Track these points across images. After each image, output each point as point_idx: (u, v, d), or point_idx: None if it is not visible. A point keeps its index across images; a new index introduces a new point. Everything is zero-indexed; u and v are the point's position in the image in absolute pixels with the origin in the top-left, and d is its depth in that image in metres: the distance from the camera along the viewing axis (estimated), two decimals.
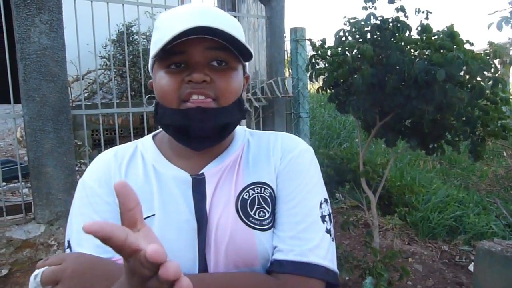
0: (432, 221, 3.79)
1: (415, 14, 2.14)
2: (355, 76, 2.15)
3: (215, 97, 0.76)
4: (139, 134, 5.19)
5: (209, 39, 0.73)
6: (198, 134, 0.78)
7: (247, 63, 0.87)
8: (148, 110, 3.23)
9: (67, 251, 0.79)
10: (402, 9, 2.15)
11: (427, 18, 2.12)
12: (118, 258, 0.73)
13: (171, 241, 0.77)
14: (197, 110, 0.75)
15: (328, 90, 2.54)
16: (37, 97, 2.65)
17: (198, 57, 0.75)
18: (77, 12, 2.87)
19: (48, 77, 2.68)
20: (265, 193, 0.83)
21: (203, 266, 0.78)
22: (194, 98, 0.75)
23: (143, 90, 3.35)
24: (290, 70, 4.60)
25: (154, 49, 0.76)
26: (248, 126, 4.61)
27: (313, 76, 2.55)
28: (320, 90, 2.58)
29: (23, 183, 3.01)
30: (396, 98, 2.11)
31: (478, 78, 1.97)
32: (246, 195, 0.82)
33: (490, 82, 2.00)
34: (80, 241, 0.77)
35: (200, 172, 0.84)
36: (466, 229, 3.73)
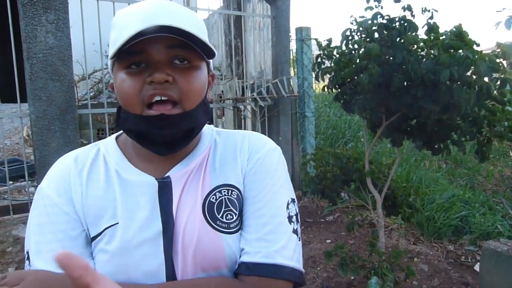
0: (437, 221, 3.77)
1: (422, 13, 2.12)
2: (361, 75, 2.15)
3: (178, 99, 0.73)
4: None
5: (169, 37, 0.70)
6: (162, 140, 0.76)
7: (211, 61, 0.84)
8: None
9: (26, 262, 0.77)
10: (409, 8, 2.14)
11: (431, 17, 2.11)
12: None
13: (136, 248, 0.75)
14: (160, 117, 0.73)
15: (334, 89, 2.54)
16: (43, 96, 2.66)
17: (159, 56, 0.72)
18: (83, 11, 2.88)
19: (54, 76, 2.70)
20: (232, 195, 0.82)
21: (170, 271, 0.76)
22: (157, 99, 0.72)
23: None
24: (295, 70, 4.60)
25: (112, 49, 0.73)
26: (254, 126, 4.61)
27: (319, 75, 2.54)
28: (326, 89, 2.58)
29: (29, 182, 3.02)
30: (402, 98, 2.10)
31: (486, 79, 1.96)
32: (213, 198, 0.81)
33: (498, 83, 1.99)
34: (39, 254, 0.75)
35: (165, 175, 0.81)
36: (472, 229, 3.71)
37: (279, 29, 4.17)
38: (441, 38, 2.06)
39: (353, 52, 2.32)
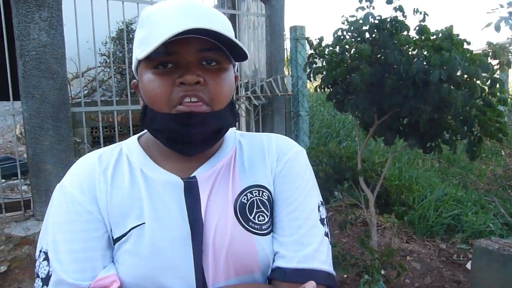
0: (430, 220, 3.80)
1: (413, 14, 2.14)
2: (353, 75, 2.16)
3: (208, 100, 0.73)
4: (138, 131, 5.18)
5: (202, 39, 0.70)
6: (190, 140, 0.75)
7: (236, 63, 0.84)
8: None
9: (44, 263, 0.73)
10: (400, 8, 2.15)
11: (423, 20, 2.13)
12: (103, 280, 0.71)
13: (165, 250, 0.73)
14: (190, 114, 0.71)
15: (327, 88, 2.55)
16: (36, 94, 2.65)
17: (189, 58, 0.71)
18: (76, 9, 2.87)
19: (47, 74, 2.69)
20: (263, 196, 0.81)
21: (200, 274, 0.74)
22: (186, 101, 0.71)
23: None
24: (289, 69, 4.61)
25: (140, 48, 0.72)
26: (248, 124, 4.62)
27: (311, 75, 2.55)
28: (318, 88, 2.59)
29: (22, 180, 3.01)
30: (394, 97, 2.12)
31: (475, 79, 1.98)
32: (244, 199, 0.79)
33: (488, 82, 2.01)
34: (58, 254, 0.72)
35: (191, 176, 0.79)
36: (464, 227, 3.75)
37: (273, 28, 4.17)
38: (432, 38, 2.08)
39: (344, 52, 2.34)
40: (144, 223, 0.74)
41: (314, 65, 2.55)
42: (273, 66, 4.23)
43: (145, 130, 0.85)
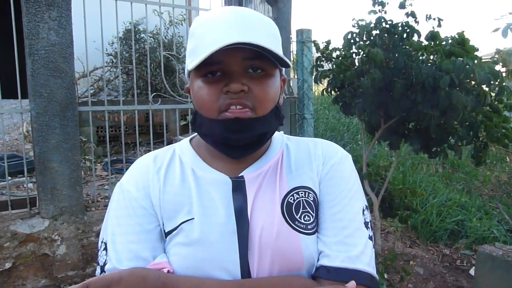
0: (433, 225, 3.79)
1: (426, 20, 2.14)
2: (363, 79, 2.16)
3: (252, 106, 0.76)
4: (143, 132, 5.22)
5: (246, 49, 0.73)
6: (236, 144, 0.79)
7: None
8: (153, 108, 3.25)
9: (103, 252, 0.81)
10: (412, 14, 2.15)
11: (439, 25, 2.13)
12: (156, 265, 0.77)
13: (213, 243, 0.77)
14: (235, 121, 0.76)
15: (333, 91, 2.56)
16: (44, 93, 2.67)
17: (235, 67, 0.75)
18: (85, 9, 2.89)
19: (55, 73, 2.70)
20: (309, 197, 0.83)
21: (246, 269, 0.77)
22: (232, 109, 0.75)
23: (149, 88, 3.37)
24: (295, 72, 4.61)
25: (190, 58, 0.78)
26: None
27: (318, 78, 2.56)
28: (325, 91, 2.59)
29: (28, 177, 3.03)
30: (402, 102, 2.12)
31: (484, 86, 1.98)
32: (291, 199, 0.82)
33: (496, 89, 2.01)
34: (115, 245, 0.79)
35: (239, 175, 0.84)
36: (467, 233, 3.74)
37: (279, 31, 4.17)
38: (442, 44, 2.08)
39: (354, 55, 2.34)
40: (193, 218, 0.79)
41: (321, 68, 2.55)
42: None
43: (195, 133, 0.91)
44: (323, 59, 2.55)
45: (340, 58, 2.40)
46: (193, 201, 0.81)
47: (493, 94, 2.08)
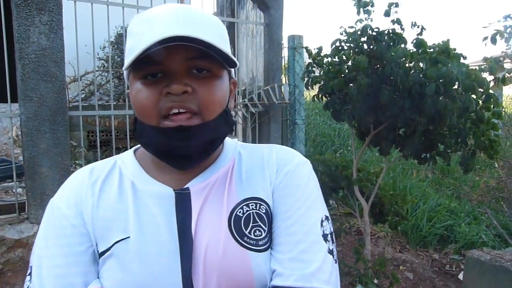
0: (423, 230, 3.83)
1: (411, 27, 2.18)
2: (350, 86, 2.19)
3: (198, 110, 0.69)
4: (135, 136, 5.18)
5: (189, 47, 0.65)
6: (180, 154, 0.71)
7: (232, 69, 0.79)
8: None
9: (27, 277, 0.72)
10: (398, 21, 2.19)
11: (421, 33, 2.16)
12: None
13: (151, 265, 0.69)
14: (178, 129, 0.68)
15: (324, 97, 2.58)
16: (34, 97, 2.66)
17: (176, 67, 0.68)
18: (77, 13, 2.88)
19: (46, 77, 2.69)
20: (260, 209, 0.75)
21: None
22: (174, 112, 0.68)
23: None
24: (287, 77, 4.64)
25: (128, 58, 0.69)
26: (244, 132, 4.63)
27: (309, 84, 2.58)
28: (316, 98, 2.62)
29: (17, 182, 3.01)
30: (390, 108, 2.15)
31: (470, 93, 2.02)
32: (239, 212, 0.74)
33: (483, 97, 2.04)
34: (40, 269, 0.71)
35: (184, 187, 0.75)
36: (457, 238, 3.77)
37: (271, 37, 4.20)
38: (429, 51, 2.12)
39: (342, 63, 2.37)
40: (128, 237, 0.71)
41: (312, 74, 2.58)
42: (270, 74, 4.26)
43: None
44: (315, 65, 2.57)
45: (329, 66, 2.42)
46: (130, 217, 0.72)
47: (481, 102, 2.12)
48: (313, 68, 2.59)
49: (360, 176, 2.66)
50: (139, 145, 0.83)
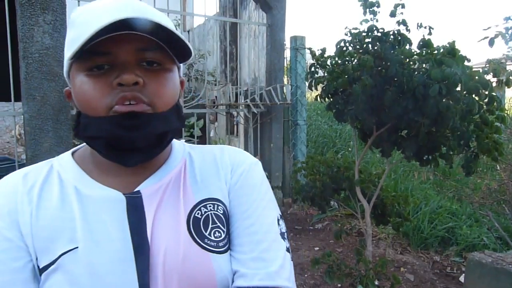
0: (424, 232, 3.82)
1: (417, 28, 2.18)
2: (354, 86, 2.19)
3: (149, 102, 0.64)
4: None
5: (140, 37, 0.62)
6: (132, 146, 0.66)
7: (182, 66, 0.76)
8: None
9: None
10: (403, 22, 2.19)
11: (430, 33, 2.16)
12: None
13: (104, 277, 0.63)
14: (129, 115, 0.63)
15: (327, 98, 2.58)
16: (37, 96, 2.67)
17: (127, 57, 0.63)
18: None
19: (49, 76, 2.70)
20: (218, 210, 0.73)
21: None
22: (126, 103, 0.63)
23: None
24: (289, 78, 4.65)
25: (70, 49, 0.62)
26: (246, 132, 4.64)
27: (313, 85, 2.58)
28: (318, 98, 2.62)
29: None
30: (393, 109, 2.15)
31: (474, 95, 2.02)
32: (198, 214, 0.71)
33: (486, 100, 2.04)
34: None
35: (135, 191, 0.70)
36: (458, 240, 3.77)
37: (274, 37, 4.21)
38: (434, 52, 2.12)
39: (346, 63, 2.37)
40: (77, 247, 0.64)
41: (316, 75, 2.58)
42: (272, 75, 4.26)
43: (80, 145, 0.78)
44: (318, 66, 2.58)
45: (332, 65, 2.43)
46: (77, 225, 0.65)
47: (484, 105, 2.11)
48: (317, 69, 2.60)
49: (362, 177, 2.66)
50: (76, 148, 0.78)
